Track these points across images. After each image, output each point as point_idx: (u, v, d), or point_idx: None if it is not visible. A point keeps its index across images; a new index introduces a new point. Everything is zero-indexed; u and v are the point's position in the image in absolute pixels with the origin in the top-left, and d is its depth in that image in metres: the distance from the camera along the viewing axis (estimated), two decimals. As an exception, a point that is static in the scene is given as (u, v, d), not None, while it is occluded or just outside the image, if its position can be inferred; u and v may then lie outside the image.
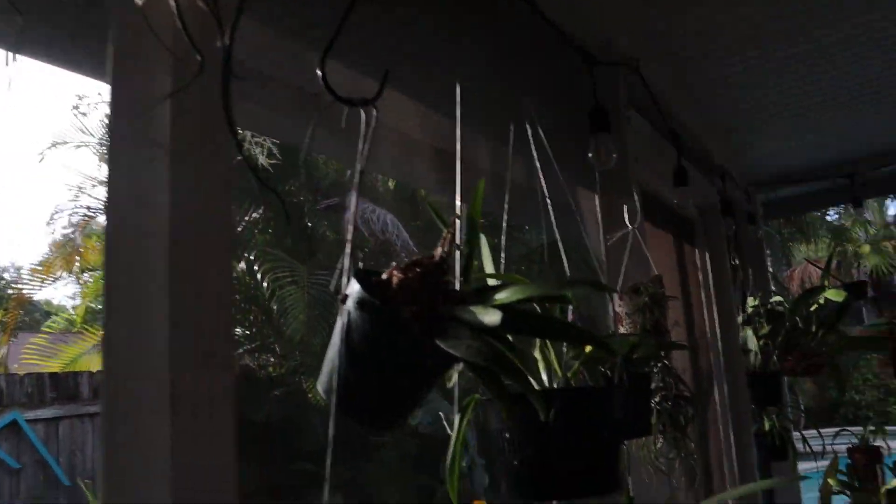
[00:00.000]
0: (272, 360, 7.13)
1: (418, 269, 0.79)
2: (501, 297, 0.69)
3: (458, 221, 0.87)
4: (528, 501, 1.08)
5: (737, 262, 3.18)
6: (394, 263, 0.79)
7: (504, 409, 0.65)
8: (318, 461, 6.94)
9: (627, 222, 1.79)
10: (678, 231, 2.91)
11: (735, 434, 3.00)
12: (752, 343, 3.22)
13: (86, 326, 7.67)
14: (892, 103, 3.09)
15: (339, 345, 0.78)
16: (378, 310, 0.74)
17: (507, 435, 1.10)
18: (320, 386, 0.83)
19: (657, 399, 1.63)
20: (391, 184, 6.48)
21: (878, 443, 3.29)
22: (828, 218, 17.09)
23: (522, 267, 7.13)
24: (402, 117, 1.22)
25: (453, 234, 0.81)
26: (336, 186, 6.40)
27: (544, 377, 1.23)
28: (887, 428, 3.82)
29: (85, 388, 6.53)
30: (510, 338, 1.09)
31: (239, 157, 0.83)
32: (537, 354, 1.27)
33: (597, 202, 1.96)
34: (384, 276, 0.79)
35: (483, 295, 0.72)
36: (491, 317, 0.64)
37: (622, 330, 1.73)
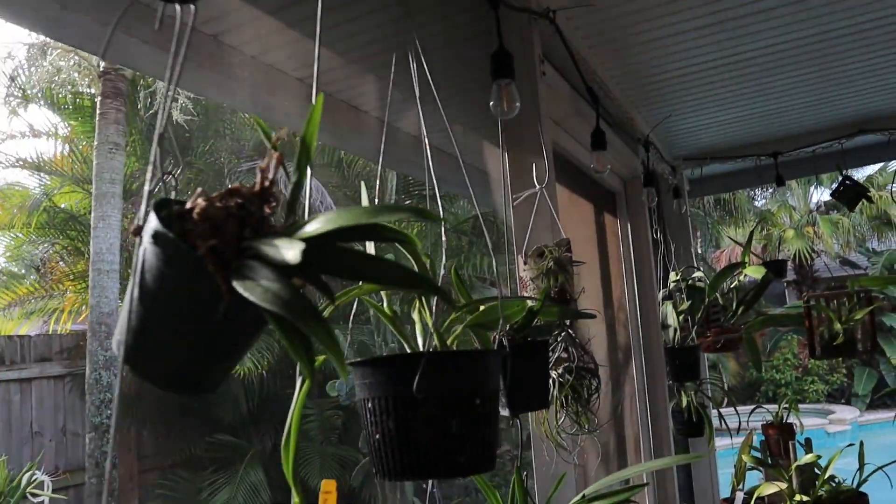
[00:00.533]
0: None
1: (237, 200, 0.64)
2: (311, 228, 0.56)
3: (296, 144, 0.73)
4: (390, 480, 0.96)
5: (659, 235, 3.12)
6: (199, 189, 0.64)
7: (307, 375, 0.51)
8: (240, 433, 6.75)
9: (535, 181, 1.67)
10: (599, 200, 2.82)
11: (651, 409, 2.96)
12: (672, 318, 3.18)
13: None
14: (813, 82, 3.06)
15: (132, 288, 0.64)
16: (170, 244, 0.59)
17: (370, 405, 0.97)
18: (114, 340, 0.68)
19: (559, 371, 1.53)
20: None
21: (792, 420, 3.30)
22: (756, 203, 17.54)
23: (452, 243, 7.02)
24: (264, 41, 1.07)
25: (279, 157, 0.67)
26: (261, 148, 6.12)
27: (419, 341, 1.11)
28: (801, 406, 3.86)
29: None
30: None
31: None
32: (415, 316, 1.15)
33: (504, 160, 1.84)
34: (188, 204, 0.64)
35: (294, 228, 0.58)
36: (292, 250, 0.50)
37: (530, 292, 1.62)
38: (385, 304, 1.11)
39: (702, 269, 3.53)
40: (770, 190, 17.10)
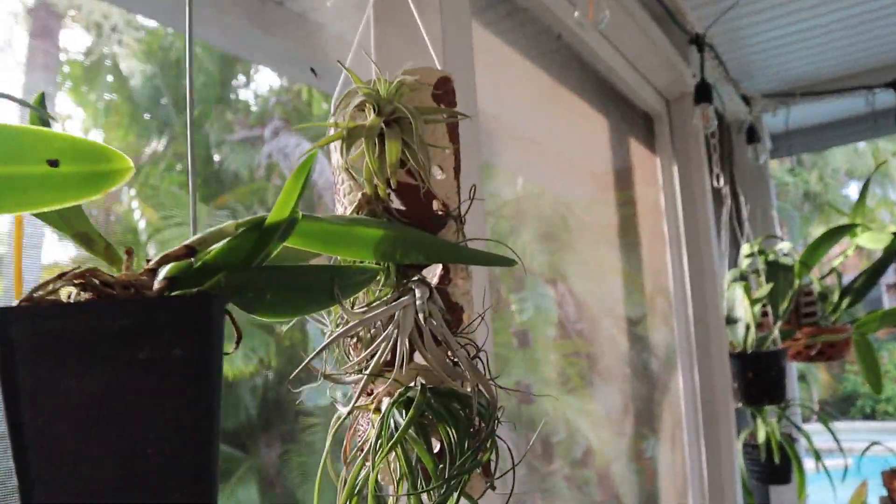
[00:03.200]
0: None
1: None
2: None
3: None
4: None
5: (724, 184, 2.07)
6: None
7: None
8: (239, 442, 5.94)
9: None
10: (623, 120, 1.80)
11: (708, 447, 1.93)
12: (744, 309, 2.13)
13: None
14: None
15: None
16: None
17: None
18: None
19: (371, 404, 0.54)
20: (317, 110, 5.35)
21: (928, 465, 2.20)
22: (853, 198, 15.77)
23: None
24: None
25: None
26: (261, 115, 5.30)
27: None
28: None
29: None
30: None
31: None
32: None
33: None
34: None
35: None
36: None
37: (342, 200, 0.66)
38: None
39: (783, 236, 2.46)
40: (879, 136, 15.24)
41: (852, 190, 16.27)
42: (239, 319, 0.51)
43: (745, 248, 2.30)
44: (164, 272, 0.45)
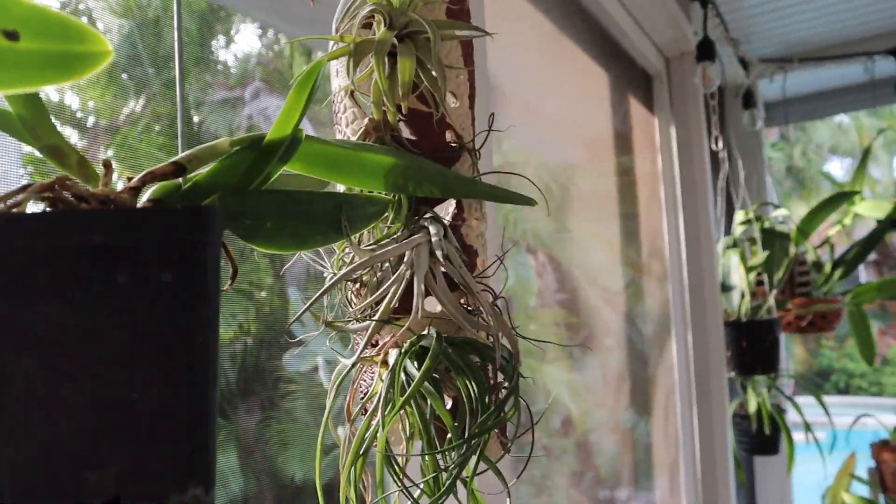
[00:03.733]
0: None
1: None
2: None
3: None
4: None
5: (721, 147, 2.02)
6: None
7: None
8: (221, 410, 5.91)
9: None
10: (623, 77, 1.74)
11: (700, 416, 1.90)
12: (738, 277, 2.09)
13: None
14: None
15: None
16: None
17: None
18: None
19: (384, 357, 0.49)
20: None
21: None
22: (835, 175, 15.82)
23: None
24: None
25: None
26: (241, 76, 5.16)
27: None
28: (878, 400, 2.69)
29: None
30: None
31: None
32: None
33: None
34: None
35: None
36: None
37: (344, 129, 0.59)
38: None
39: (777, 202, 2.42)
40: (850, 159, 15.38)
41: (834, 166, 16.29)
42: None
43: (740, 215, 2.25)
44: (149, 192, 0.39)
